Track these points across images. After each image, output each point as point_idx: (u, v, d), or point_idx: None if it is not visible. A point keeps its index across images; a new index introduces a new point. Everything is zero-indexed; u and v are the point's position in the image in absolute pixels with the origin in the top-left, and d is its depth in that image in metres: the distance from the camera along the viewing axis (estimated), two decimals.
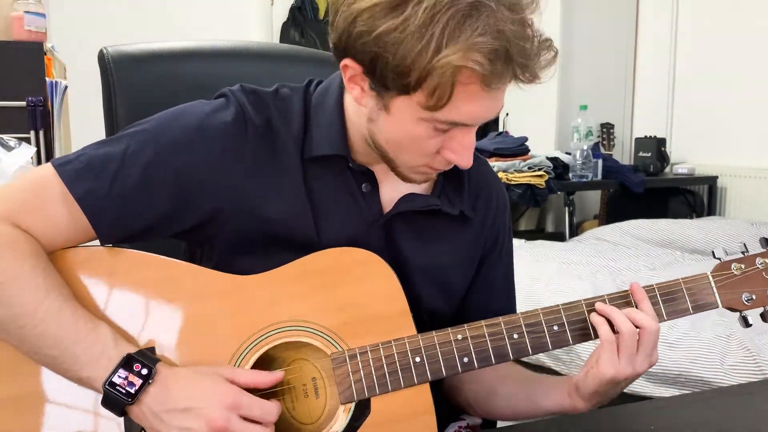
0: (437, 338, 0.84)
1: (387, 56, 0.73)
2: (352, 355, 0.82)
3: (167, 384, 0.77)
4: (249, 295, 0.84)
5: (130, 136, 0.85)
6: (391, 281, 0.85)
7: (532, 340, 0.85)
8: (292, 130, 0.88)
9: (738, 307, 0.88)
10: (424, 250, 0.92)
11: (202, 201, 0.84)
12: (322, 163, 0.87)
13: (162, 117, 0.87)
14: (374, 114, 0.81)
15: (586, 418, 0.91)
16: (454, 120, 0.77)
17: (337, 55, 0.81)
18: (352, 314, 0.84)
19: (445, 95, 0.73)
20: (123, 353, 0.77)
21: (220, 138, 0.85)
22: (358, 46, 0.75)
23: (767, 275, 0.88)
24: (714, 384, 1.84)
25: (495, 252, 1.00)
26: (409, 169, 0.85)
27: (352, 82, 0.81)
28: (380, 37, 0.73)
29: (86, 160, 0.83)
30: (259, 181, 0.86)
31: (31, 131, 2.20)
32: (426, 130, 0.79)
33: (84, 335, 0.77)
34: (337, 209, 0.88)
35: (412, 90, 0.75)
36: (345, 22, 0.76)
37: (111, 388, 0.75)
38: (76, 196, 0.81)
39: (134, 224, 0.84)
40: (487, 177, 1.00)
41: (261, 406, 0.78)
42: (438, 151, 0.82)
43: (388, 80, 0.75)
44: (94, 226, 0.82)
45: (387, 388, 0.82)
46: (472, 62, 0.71)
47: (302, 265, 0.84)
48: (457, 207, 0.93)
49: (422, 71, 0.72)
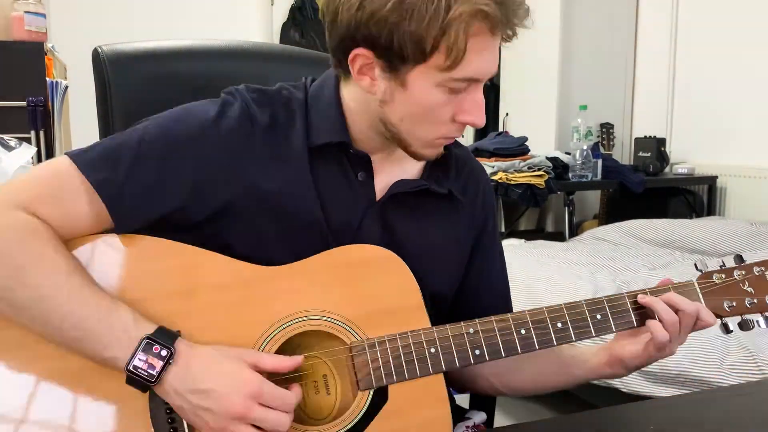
0: (450, 331, 0.87)
1: (403, 26, 0.79)
2: (371, 344, 0.86)
3: (189, 363, 0.78)
4: (272, 286, 0.86)
5: (144, 128, 0.87)
6: (406, 277, 0.89)
7: (539, 335, 0.89)
8: (296, 122, 0.91)
9: (720, 313, 0.95)
10: (419, 231, 0.96)
11: (215, 193, 0.87)
12: (324, 152, 0.91)
13: (174, 111, 0.90)
14: (387, 95, 0.86)
15: (586, 418, 0.91)
16: (469, 75, 0.83)
17: (343, 49, 0.85)
18: (370, 307, 0.87)
19: (461, 51, 0.79)
20: (142, 333, 0.78)
21: (230, 133, 0.88)
22: (372, 27, 0.80)
23: (744, 286, 0.95)
24: (714, 384, 1.84)
25: (487, 233, 1.04)
26: (425, 144, 0.89)
27: (361, 74, 0.85)
28: (393, 10, 0.78)
29: (102, 150, 0.85)
30: (269, 173, 0.88)
31: (32, 131, 2.20)
32: (442, 95, 0.84)
33: (106, 315, 0.78)
34: (338, 196, 0.92)
35: (429, 55, 0.80)
36: (350, 12, 0.81)
37: (134, 371, 0.76)
38: (95, 184, 0.83)
39: (149, 213, 0.85)
40: (474, 167, 1.05)
41: (282, 396, 0.79)
42: (452, 118, 0.86)
43: (405, 52, 0.80)
44: (112, 214, 0.83)
45: (404, 376, 0.85)
46: (481, 5, 0.78)
47: (323, 260, 0.88)
48: (445, 186, 0.97)
49: (438, 31, 0.78)
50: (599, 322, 0.91)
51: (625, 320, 0.92)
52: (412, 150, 0.90)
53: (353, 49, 0.83)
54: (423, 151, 0.91)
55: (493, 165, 3.40)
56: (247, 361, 0.79)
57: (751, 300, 0.94)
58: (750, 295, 0.95)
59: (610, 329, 0.92)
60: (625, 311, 0.92)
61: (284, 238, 0.89)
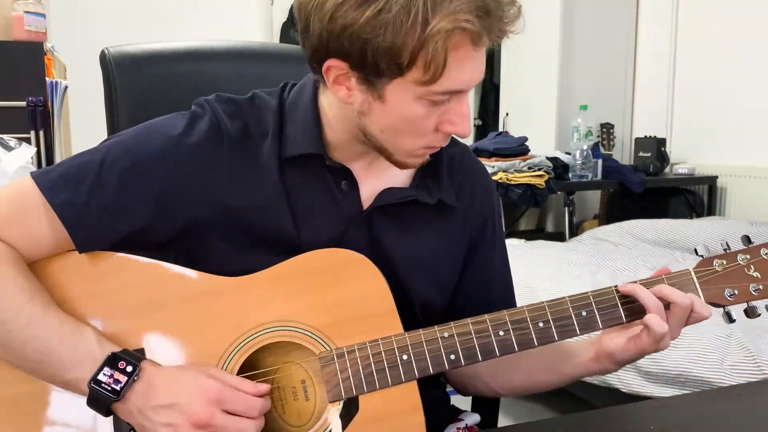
0: (424, 336, 0.84)
1: (377, 41, 0.74)
2: (339, 354, 0.83)
3: (152, 380, 0.77)
4: (236, 297, 0.84)
5: (108, 148, 0.86)
6: (377, 281, 0.85)
7: (518, 336, 0.86)
8: (269, 133, 0.88)
9: (721, 302, 0.89)
10: (407, 241, 0.93)
11: (179, 211, 0.85)
12: (299, 163, 0.88)
13: (139, 129, 0.88)
14: (365, 107, 0.82)
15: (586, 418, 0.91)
16: (451, 88, 0.78)
17: (317, 59, 0.81)
18: (339, 314, 0.84)
19: (440, 65, 0.75)
20: (107, 353, 0.77)
21: (196, 149, 0.85)
22: (344, 41, 0.76)
23: (749, 271, 0.88)
24: (714, 384, 1.84)
25: (485, 240, 1.00)
26: (407, 154, 0.86)
27: (336, 84, 0.81)
28: (366, 24, 0.73)
29: (64, 170, 0.84)
30: (237, 188, 0.86)
31: (31, 131, 2.20)
32: (423, 108, 0.80)
33: (68, 337, 0.78)
34: (317, 208, 0.89)
35: (406, 69, 0.75)
36: (321, 22, 0.77)
37: (97, 386, 0.76)
38: (55, 207, 0.82)
39: (111, 234, 0.84)
40: (471, 166, 1.00)
41: (245, 401, 0.78)
42: (436, 128, 0.83)
43: (380, 66, 0.76)
44: (71, 236, 0.82)
45: (375, 386, 0.82)
46: (462, 22, 0.73)
47: (289, 267, 0.85)
48: (435, 196, 0.93)
49: (415, 46, 0.73)
50: (584, 318, 0.86)
51: (613, 316, 0.87)
52: (394, 159, 0.87)
53: (326, 60, 0.79)
54: (407, 161, 0.87)
55: (493, 165, 3.40)
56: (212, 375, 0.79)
57: (756, 286, 0.87)
58: (756, 280, 0.87)
59: (597, 326, 0.87)
60: (612, 306, 0.87)
61: (254, 254, 0.86)
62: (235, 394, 0.77)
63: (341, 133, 0.88)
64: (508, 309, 0.87)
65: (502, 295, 1.02)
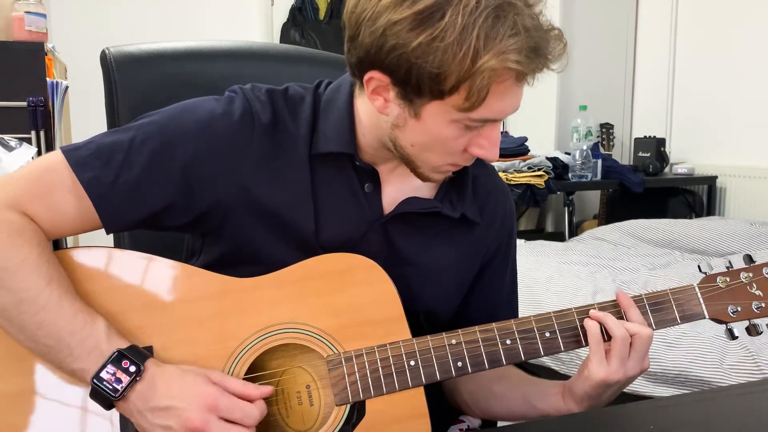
0: (432, 342, 0.85)
1: (425, 65, 0.75)
2: (347, 357, 0.83)
3: (154, 382, 0.77)
4: (247, 297, 0.84)
5: (139, 126, 0.86)
6: (387, 287, 0.86)
7: (525, 346, 0.86)
8: (301, 126, 0.89)
9: (725, 319, 0.90)
10: (423, 251, 0.93)
11: (205, 193, 0.86)
12: (328, 161, 0.89)
13: (171, 109, 0.89)
14: (400, 120, 0.83)
15: (586, 418, 0.91)
16: (487, 117, 0.80)
17: (361, 68, 0.82)
18: (348, 318, 0.84)
19: (482, 96, 0.76)
20: (114, 348, 0.77)
21: (227, 132, 0.86)
22: (391, 59, 0.77)
23: (751, 289, 0.90)
24: (714, 384, 1.84)
25: (498, 258, 1.01)
26: (432, 169, 0.87)
27: (375, 94, 0.82)
28: (418, 48, 0.74)
29: (94, 147, 0.84)
30: (263, 175, 0.87)
31: (32, 131, 2.20)
32: (457, 131, 0.81)
33: (80, 327, 0.78)
34: (339, 207, 0.89)
35: (447, 94, 0.77)
36: (372, 36, 0.78)
37: (98, 383, 0.76)
38: (83, 182, 0.82)
39: (137, 212, 0.85)
40: (496, 186, 1.02)
41: (241, 408, 0.78)
42: (465, 149, 0.84)
43: (423, 87, 0.77)
44: (98, 213, 0.83)
45: (382, 390, 0.83)
46: (511, 62, 0.75)
47: (300, 270, 0.85)
48: (458, 210, 0.94)
49: (461, 76, 0.75)
50: None
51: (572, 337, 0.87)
52: (419, 172, 0.88)
53: (369, 71, 0.81)
54: (430, 175, 0.88)
55: (493, 165, 3.40)
56: (211, 379, 0.79)
57: (758, 304, 0.89)
58: (758, 298, 0.89)
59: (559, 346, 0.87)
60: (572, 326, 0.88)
61: (273, 244, 0.87)
62: (233, 402, 0.77)
63: (371, 138, 0.89)
64: (516, 319, 0.87)
65: (506, 313, 1.02)
